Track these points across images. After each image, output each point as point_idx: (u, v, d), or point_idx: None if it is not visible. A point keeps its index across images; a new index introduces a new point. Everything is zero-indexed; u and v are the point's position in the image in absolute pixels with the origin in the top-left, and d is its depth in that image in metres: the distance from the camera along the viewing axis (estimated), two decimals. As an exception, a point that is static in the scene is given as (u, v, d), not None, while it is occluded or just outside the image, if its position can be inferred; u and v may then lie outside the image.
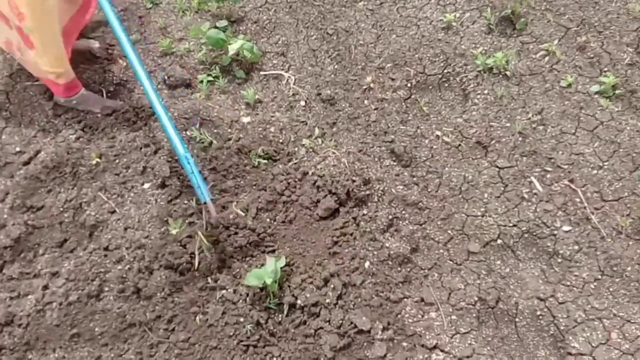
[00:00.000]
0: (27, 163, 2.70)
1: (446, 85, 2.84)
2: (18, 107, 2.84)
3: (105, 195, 2.50)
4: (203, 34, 3.04)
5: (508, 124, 2.60)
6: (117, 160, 2.63)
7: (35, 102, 2.88)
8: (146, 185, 2.50)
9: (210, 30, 3.00)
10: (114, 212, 2.42)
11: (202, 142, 2.60)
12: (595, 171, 2.42)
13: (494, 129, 2.59)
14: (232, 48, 2.95)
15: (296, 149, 2.59)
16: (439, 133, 2.62)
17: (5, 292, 2.29)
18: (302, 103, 2.83)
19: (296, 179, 2.45)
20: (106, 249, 2.34)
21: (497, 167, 2.47)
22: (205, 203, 2.20)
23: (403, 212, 2.37)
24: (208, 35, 2.98)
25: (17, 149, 2.77)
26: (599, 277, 2.16)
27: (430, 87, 2.84)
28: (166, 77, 3.02)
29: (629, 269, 2.16)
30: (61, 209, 2.50)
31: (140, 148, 2.63)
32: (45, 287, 2.25)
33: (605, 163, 2.44)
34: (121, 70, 3.10)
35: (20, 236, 2.43)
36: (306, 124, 2.70)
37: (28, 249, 2.43)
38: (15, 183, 2.64)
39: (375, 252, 2.24)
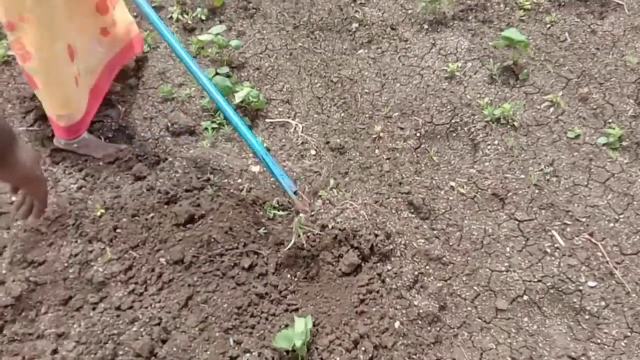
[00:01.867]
0: (25, 214, 2.50)
1: (454, 135, 2.77)
2: (15, 154, 2.64)
3: (112, 250, 2.32)
4: (210, 79, 2.92)
5: (522, 176, 2.54)
6: (123, 212, 2.46)
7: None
8: (167, 226, 2.34)
9: (216, 77, 2.88)
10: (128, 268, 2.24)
11: (218, 195, 2.46)
12: (612, 224, 2.37)
13: (509, 180, 2.53)
14: (239, 95, 2.84)
15: (312, 199, 2.46)
16: (453, 184, 2.55)
17: (7, 356, 2.08)
18: (313, 152, 2.72)
19: (315, 233, 2.32)
20: (118, 308, 2.15)
21: (517, 220, 2.39)
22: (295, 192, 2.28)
23: (427, 267, 2.26)
24: (215, 81, 2.86)
25: (14, 198, 2.57)
26: (628, 334, 2.09)
27: (439, 137, 2.77)
28: (169, 124, 2.88)
29: (657, 325, 2.10)
30: (65, 264, 2.31)
31: (151, 194, 2.47)
32: (55, 352, 2.05)
33: (621, 216, 2.40)
34: (120, 115, 2.94)
35: (22, 294, 2.23)
36: (320, 174, 2.58)
37: (30, 307, 2.22)
38: (14, 235, 2.44)
39: (404, 311, 2.12)
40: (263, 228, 2.32)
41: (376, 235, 2.24)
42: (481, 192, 2.50)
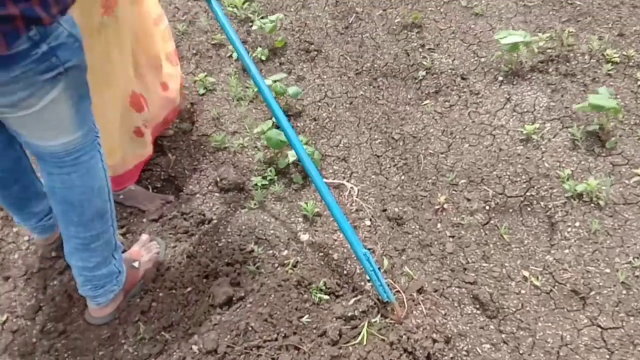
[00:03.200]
0: (62, 272, 2.31)
1: (529, 210, 2.38)
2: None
3: (145, 328, 2.06)
4: (262, 133, 2.64)
5: (607, 270, 2.12)
6: (161, 282, 2.20)
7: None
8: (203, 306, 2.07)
9: (271, 131, 2.59)
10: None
11: (260, 272, 2.17)
12: None
13: (592, 275, 2.11)
14: (293, 153, 2.55)
15: (363, 283, 2.14)
16: (526, 273, 2.15)
17: None
18: (367, 222, 2.39)
19: (362, 326, 1.99)
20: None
21: (600, 327, 1.98)
22: (389, 302, 1.99)
23: (492, 382, 1.89)
24: (268, 136, 2.58)
25: (54, 254, 2.37)
26: None
27: (511, 211, 2.38)
28: (218, 179, 2.61)
29: None
30: (96, 338, 2.07)
31: (191, 263, 2.21)
32: None
33: None
34: (170, 164, 2.71)
35: (48, 370, 2.01)
36: (374, 252, 2.25)
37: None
38: (49, 297, 2.23)
39: None
40: (307, 315, 2.01)
41: (434, 341, 1.88)
42: (559, 287, 2.10)
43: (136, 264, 2.14)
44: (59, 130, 1.58)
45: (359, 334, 1.94)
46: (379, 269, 2.04)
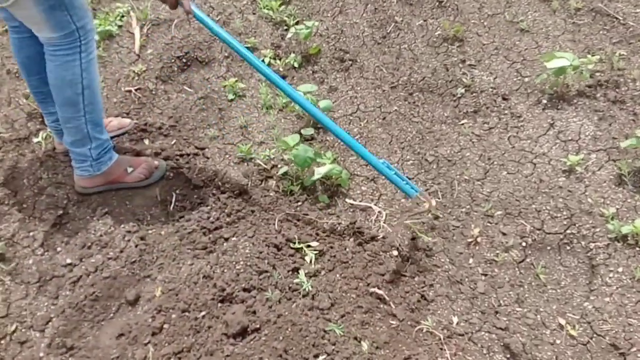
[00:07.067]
0: (75, 282, 2.23)
1: (568, 249, 2.21)
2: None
3: (154, 352, 1.97)
4: (289, 147, 2.52)
5: (652, 324, 1.95)
6: (175, 301, 2.11)
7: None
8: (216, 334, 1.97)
9: (299, 148, 2.47)
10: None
11: (279, 301, 2.05)
12: None
13: (634, 329, 1.94)
14: (319, 172, 2.42)
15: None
16: (562, 321, 2.00)
17: None
18: (394, 252, 2.25)
19: (384, 367, 1.86)
20: None
21: (641, 389, 1.82)
22: (417, 195, 2.18)
23: None
24: (295, 153, 2.45)
25: (69, 260, 2.30)
26: None
27: (549, 249, 2.22)
28: (243, 192, 2.50)
29: None
30: (102, 357, 1.98)
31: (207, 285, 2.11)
32: None
33: None
34: (194, 172, 2.60)
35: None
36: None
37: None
38: (59, 308, 2.16)
39: None
40: (324, 354, 1.89)
41: (459, 394, 1.75)
42: (597, 339, 1.94)
43: (129, 170, 2.42)
44: (38, 27, 1.98)
45: (379, 377, 1.81)
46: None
